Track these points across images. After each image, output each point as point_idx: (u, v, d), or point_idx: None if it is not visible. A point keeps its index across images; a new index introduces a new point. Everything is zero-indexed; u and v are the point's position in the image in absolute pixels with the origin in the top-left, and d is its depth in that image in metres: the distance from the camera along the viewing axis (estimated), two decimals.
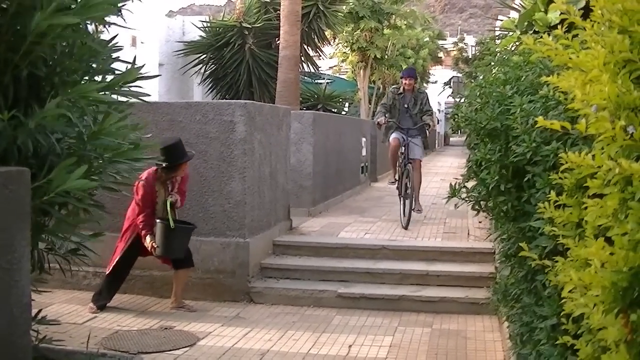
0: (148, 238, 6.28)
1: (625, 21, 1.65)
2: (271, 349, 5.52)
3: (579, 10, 3.93)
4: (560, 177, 2.27)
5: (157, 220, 6.27)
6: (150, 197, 6.33)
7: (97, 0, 3.08)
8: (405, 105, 9.67)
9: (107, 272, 6.47)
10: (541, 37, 2.02)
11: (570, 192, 2.28)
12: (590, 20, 1.93)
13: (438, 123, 40.48)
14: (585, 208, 1.89)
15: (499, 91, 3.49)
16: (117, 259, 6.39)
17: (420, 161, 9.70)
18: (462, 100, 4.06)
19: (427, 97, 10.04)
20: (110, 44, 3.44)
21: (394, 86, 10.46)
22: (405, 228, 8.93)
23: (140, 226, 6.31)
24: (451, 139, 51.71)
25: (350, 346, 5.62)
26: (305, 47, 17.76)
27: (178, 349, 5.47)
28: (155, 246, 6.25)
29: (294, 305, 6.83)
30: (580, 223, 2.16)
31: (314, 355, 5.39)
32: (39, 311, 3.99)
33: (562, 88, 1.96)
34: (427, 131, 9.78)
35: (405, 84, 9.77)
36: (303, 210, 9.86)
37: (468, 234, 8.55)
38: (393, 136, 9.67)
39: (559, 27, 2.08)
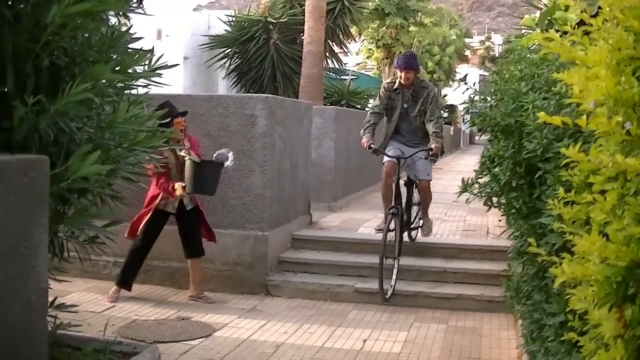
0: (176, 184, 6.22)
1: (628, 17, 1.65)
2: (286, 341, 5.56)
3: (598, 8, 3.92)
4: (569, 174, 2.28)
5: (185, 158, 6.20)
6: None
7: None
8: (405, 105, 7.27)
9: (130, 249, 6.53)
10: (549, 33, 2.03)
11: (578, 189, 2.28)
12: (601, 18, 1.93)
13: (464, 122, 40.18)
14: (593, 204, 1.90)
15: (513, 88, 3.49)
16: (141, 228, 6.40)
17: (429, 182, 7.38)
18: (476, 97, 4.06)
19: (434, 94, 7.27)
20: (126, 34, 3.48)
21: (387, 81, 7.65)
22: (387, 300, 6.59)
23: (164, 185, 6.28)
24: (476, 137, 51.30)
25: (365, 340, 5.64)
26: (330, 43, 17.80)
27: (194, 339, 5.53)
28: (183, 185, 6.19)
29: (311, 299, 6.86)
30: (588, 220, 2.17)
31: (328, 349, 5.42)
32: (56, 298, 4.05)
33: (569, 84, 1.96)
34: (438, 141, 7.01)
35: (401, 77, 7.16)
36: (323, 205, 9.89)
37: (487, 232, 8.53)
38: (387, 158, 7.29)
39: (569, 24, 2.08)
